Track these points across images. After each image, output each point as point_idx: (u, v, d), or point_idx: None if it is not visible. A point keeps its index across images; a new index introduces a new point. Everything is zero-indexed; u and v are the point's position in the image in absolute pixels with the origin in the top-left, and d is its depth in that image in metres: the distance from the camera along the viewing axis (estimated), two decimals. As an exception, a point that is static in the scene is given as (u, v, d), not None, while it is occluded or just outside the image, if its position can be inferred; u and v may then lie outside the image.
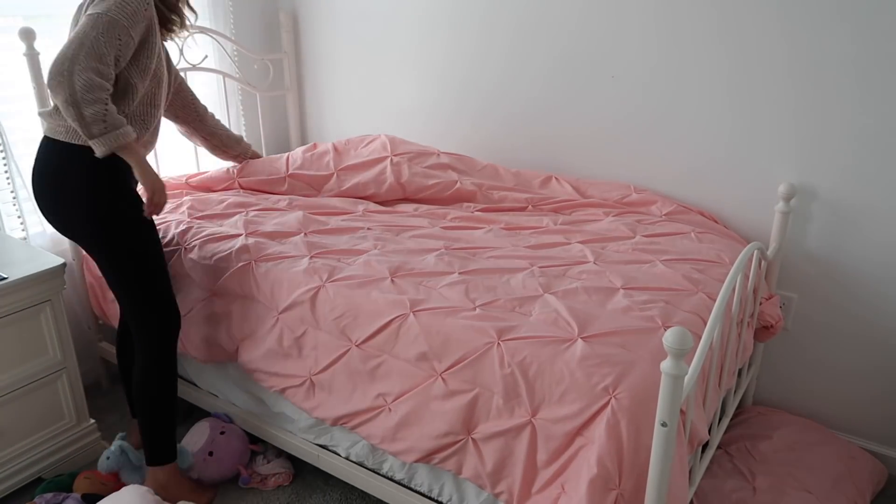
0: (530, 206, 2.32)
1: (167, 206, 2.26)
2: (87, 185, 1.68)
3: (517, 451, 1.47)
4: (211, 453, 2.00)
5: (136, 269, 1.76)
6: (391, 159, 2.41)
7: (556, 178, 2.42)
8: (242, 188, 2.46)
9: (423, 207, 2.31)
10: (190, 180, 2.51)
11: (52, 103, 1.68)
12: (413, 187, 2.38)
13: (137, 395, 1.86)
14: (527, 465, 1.46)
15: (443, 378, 1.55)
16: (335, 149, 2.52)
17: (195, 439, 2.02)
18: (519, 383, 1.45)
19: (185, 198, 2.35)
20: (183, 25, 1.90)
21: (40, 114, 1.74)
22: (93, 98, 1.54)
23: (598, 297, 1.66)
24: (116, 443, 1.98)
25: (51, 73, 1.52)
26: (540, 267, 1.82)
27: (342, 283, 1.76)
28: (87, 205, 1.69)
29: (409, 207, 2.31)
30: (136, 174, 1.69)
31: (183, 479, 1.97)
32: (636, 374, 1.39)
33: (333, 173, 2.43)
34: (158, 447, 1.89)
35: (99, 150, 1.59)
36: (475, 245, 1.97)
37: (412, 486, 1.74)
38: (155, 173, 1.72)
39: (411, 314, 1.61)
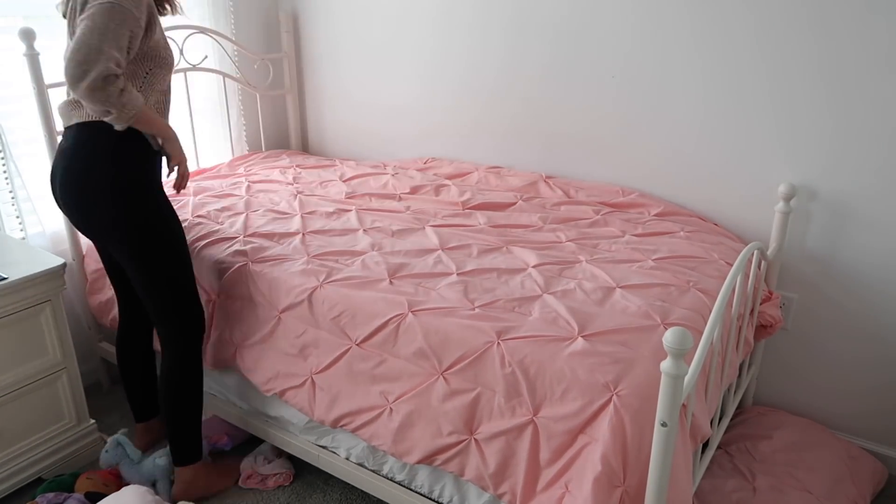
0: (520, 201, 2.32)
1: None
2: (114, 175, 1.65)
3: (519, 450, 1.47)
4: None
5: (166, 266, 1.74)
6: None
7: (544, 181, 2.43)
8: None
9: (415, 205, 2.31)
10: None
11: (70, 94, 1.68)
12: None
13: (163, 395, 1.86)
14: (529, 465, 1.46)
15: (444, 377, 1.55)
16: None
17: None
18: (520, 382, 1.45)
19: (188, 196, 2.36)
20: (174, 10, 1.87)
21: (65, 103, 1.71)
22: (113, 89, 1.53)
23: (596, 296, 1.67)
24: (114, 437, 1.98)
25: (76, 61, 1.48)
26: (535, 267, 1.82)
27: (340, 284, 1.76)
28: (119, 197, 1.66)
29: (401, 206, 2.31)
30: (164, 142, 1.72)
31: (209, 471, 2.00)
32: (638, 371, 1.39)
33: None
34: (184, 448, 1.91)
35: (118, 124, 1.60)
36: (468, 244, 1.97)
37: (412, 487, 1.74)
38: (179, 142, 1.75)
39: (410, 314, 1.61)
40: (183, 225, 2.11)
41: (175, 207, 2.24)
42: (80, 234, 2.32)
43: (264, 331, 1.85)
